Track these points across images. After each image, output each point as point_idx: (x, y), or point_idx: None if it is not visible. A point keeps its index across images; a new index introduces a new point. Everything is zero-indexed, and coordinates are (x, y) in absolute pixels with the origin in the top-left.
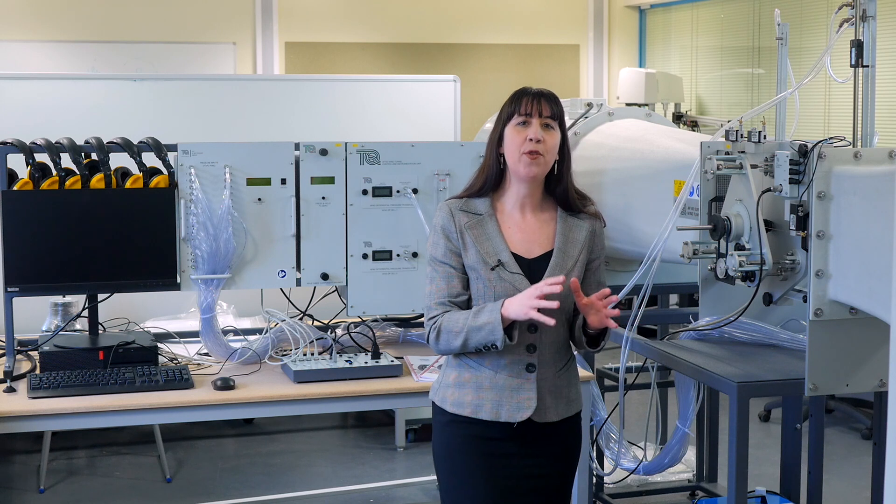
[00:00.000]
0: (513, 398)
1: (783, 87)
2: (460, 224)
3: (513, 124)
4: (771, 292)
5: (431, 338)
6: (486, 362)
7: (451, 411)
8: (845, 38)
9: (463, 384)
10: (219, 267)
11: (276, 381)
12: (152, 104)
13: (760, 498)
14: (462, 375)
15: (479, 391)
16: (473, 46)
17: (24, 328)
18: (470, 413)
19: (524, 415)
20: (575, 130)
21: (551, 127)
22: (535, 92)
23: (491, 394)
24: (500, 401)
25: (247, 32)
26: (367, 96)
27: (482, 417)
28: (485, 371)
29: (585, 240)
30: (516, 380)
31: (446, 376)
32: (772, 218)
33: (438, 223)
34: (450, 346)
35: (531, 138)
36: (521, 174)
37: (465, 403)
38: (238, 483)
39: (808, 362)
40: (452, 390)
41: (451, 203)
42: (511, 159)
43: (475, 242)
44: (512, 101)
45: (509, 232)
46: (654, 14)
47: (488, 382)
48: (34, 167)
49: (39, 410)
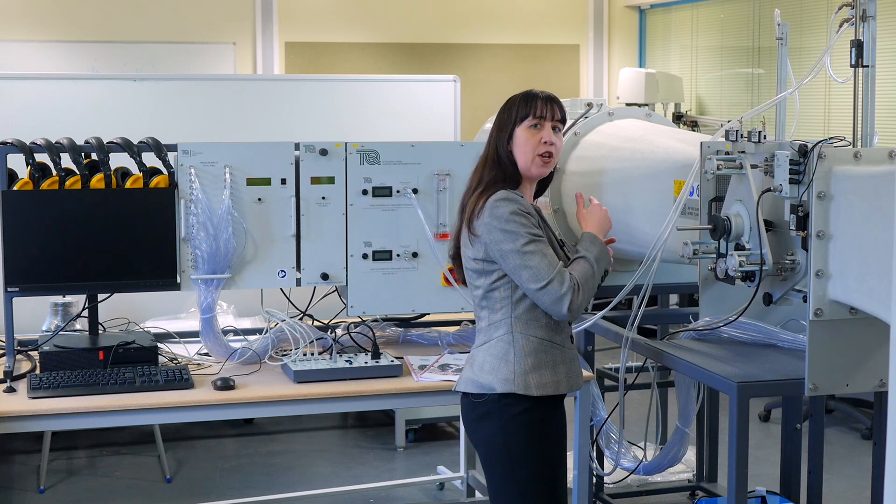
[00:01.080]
0: (573, 368)
1: (783, 87)
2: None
3: (525, 126)
4: (771, 292)
5: (571, 299)
6: (556, 338)
7: (538, 394)
8: (845, 38)
9: (539, 366)
10: (219, 267)
11: (276, 381)
12: (152, 104)
13: (760, 498)
14: (538, 358)
15: (555, 367)
16: (473, 46)
17: (24, 328)
18: (553, 391)
19: (582, 381)
20: (575, 130)
21: (559, 129)
22: (546, 96)
23: (562, 367)
24: (569, 372)
25: (247, 32)
26: (367, 96)
27: (561, 391)
28: (555, 348)
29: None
30: (571, 351)
31: (520, 364)
32: (772, 218)
33: (515, 209)
34: (591, 293)
35: (545, 141)
36: (534, 174)
37: (547, 384)
38: (238, 483)
39: (808, 362)
40: (533, 375)
41: (507, 193)
42: (524, 159)
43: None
44: (525, 102)
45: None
46: (654, 14)
47: (560, 358)
48: (34, 167)
49: (39, 410)
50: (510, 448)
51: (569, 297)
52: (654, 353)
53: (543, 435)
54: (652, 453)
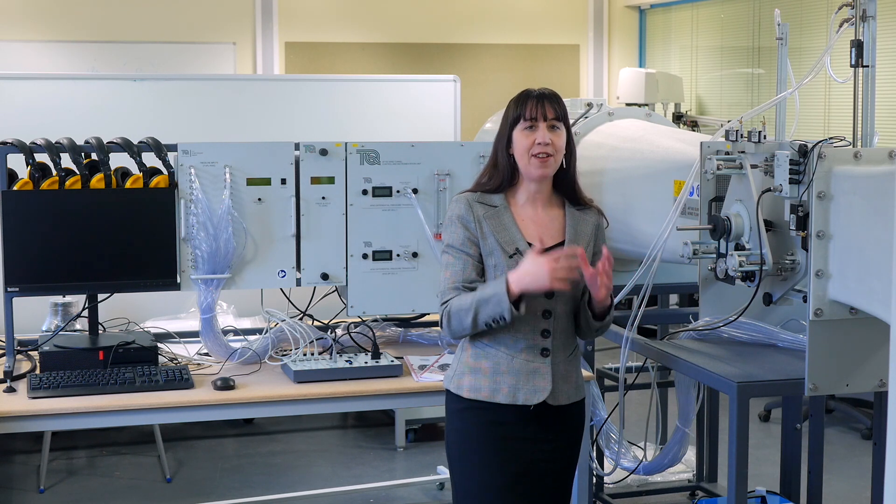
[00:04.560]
0: (529, 381)
1: (783, 87)
2: (478, 214)
3: (520, 128)
4: (771, 292)
5: (444, 322)
6: (502, 347)
7: (468, 397)
8: (845, 38)
9: (478, 370)
10: (219, 267)
11: (276, 381)
12: (152, 104)
13: (760, 498)
14: (479, 362)
15: (495, 375)
16: (473, 46)
17: (24, 328)
18: (486, 396)
19: (541, 396)
20: (575, 130)
21: (557, 128)
22: (539, 94)
23: (508, 377)
24: (517, 384)
25: (247, 32)
26: (367, 96)
27: (498, 401)
28: (502, 356)
29: (591, 233)
30: (532, 364)
31: (461, 364)
32: (772, 218)
33: (456, 213)
34: (462, 326)
35: (539, 142)
36: (533, 175)
37: (481, 388)
38: (238, 483)
39: (808, 362)
40: (468, 377)
41: (468, 195)
42: (521, 161)
43: (493, 231)
44: (517, 104)
45: (524, 224)
46: (654, 14)
47: (505, 366)
48: (34, 167)
49: (39, 410)
50: (447, 445)
51: (444, 318)
52: (654, 353)
53: (473, 439)
54: (652, 453)
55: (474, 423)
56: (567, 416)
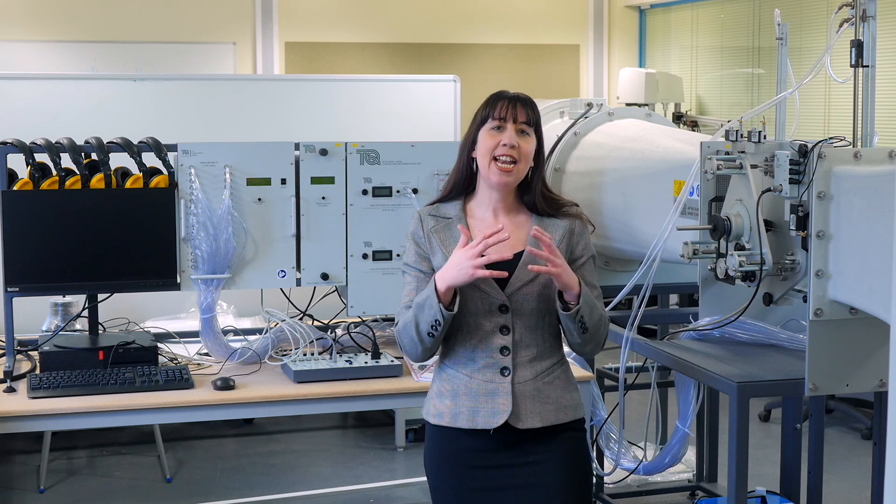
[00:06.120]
0: (487, 403)
1: (783, 87)
2: (428, 229)
3: (487, 128)
4: (771, 292)
5: (398, 340)
6: (461, 368)
7: (433, 422)
8: (845, 38)
9: (442, 394)
10: (219, 267)
11: (276, 381)
12: (152, 104)
13: (760, 498)
14: (441, 386)
15: (455, 399)
16: (473, 46)
17: (24, 328)
18: (448, 422)
19: (499, 420)
20: (575, 130)
21: (526, 133)
22: (512, 96)
23: (467, 400)
24: (476, 407)
25: (247, 32)
26: (367, 96)
27: (459, 425)
28: (460, 378)
29: (561, 240)
30: (490, 384)
31: (431, 388)
32: (772, 218)
33: (410, 229)
34: (412, 341)
35: (505, 143)
36: (493, 182)
37: (443, 413)
38: (238, 483)
39: (808, 362)
40: (434, 401)
41: (423, 209)
42: (483, 164)
43: (441, 246)
44: (487, 104)
45: (479, 235)
46: (654, 14)
47: (463, 389)
48: (34, 167)
49: (39, 410)
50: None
51: (397, 336)
52: (654, 353)
53: (442, 468)
54: (652, 453)
55: (441, 451)
56: (548, 441)
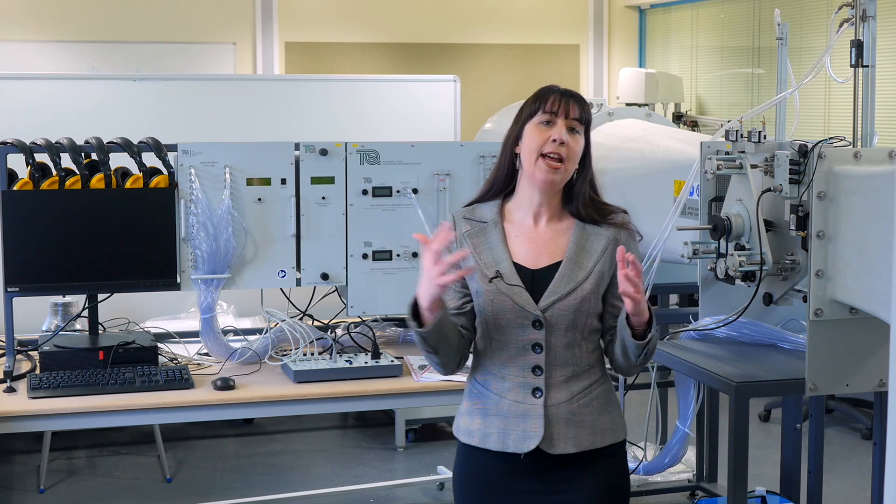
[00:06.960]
0: (519, 426)
1: (783, 87)
2: (461, 233)
3: (535, 122)
4: (771, 292)
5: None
6: (491, 386)
7: (463, 441)
8: (845, 38)
9: (472, 412)
10: (219, 267)
11: (276, 381)
12: (152, 104)
13: (760, 498)
14: (473, 402)
15: (485, 418)
16: (473, 46)
17: (24, 328)
18: (478, 442)
19: (531, 444)
20: None
21: (577, 131)
22: (564, 91)
23: (497, 420)
24: (507, 429)
25: (247, 32)
26: (367, 96)
27: (489, 447)
28: (490, 396)
29: (604, 250)
30: (522, 405)
31: (462, 403)
32: (772, 218)
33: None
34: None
35: (555, 139)
36: (538, 180)
37: (473, 432)
38: (238, 483)
39: (808, 362)
40: (464, 418)
41: (458, 212)
42: (528, 161)
43: (475, 253)
44: (537, 97)
45: (516, 241)
46: (654, 14)
47: (493, 409)
48: (34, 167)
49: (39, 410)
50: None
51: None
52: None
53: (465, 485)
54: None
55: (469, 471)
56: (585, 467)
